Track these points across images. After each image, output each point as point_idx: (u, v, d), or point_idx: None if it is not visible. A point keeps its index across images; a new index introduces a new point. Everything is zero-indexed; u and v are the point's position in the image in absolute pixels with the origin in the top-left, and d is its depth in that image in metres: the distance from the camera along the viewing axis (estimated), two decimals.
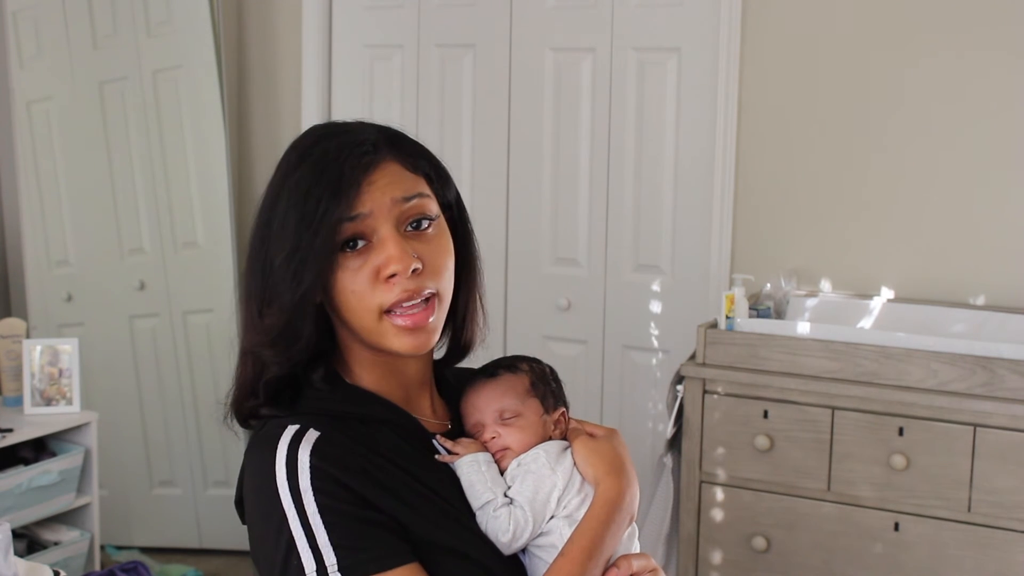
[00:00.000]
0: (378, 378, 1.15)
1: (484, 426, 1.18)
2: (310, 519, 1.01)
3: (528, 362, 1.24)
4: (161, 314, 3.44)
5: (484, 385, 1.20)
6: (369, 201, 1.06)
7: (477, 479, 1.12)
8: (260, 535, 1.06)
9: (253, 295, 1.10)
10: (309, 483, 1.02)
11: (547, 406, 1.20)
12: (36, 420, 2.89)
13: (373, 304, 1.07)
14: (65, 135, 3.39)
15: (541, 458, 1.15)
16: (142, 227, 3.41)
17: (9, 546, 2.07)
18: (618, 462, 1.16)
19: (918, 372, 2.33)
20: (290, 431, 1.06)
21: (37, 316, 3.38)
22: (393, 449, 1.10)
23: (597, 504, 1.12)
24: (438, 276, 1.10)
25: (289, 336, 1.08)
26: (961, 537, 2.32)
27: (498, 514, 1.10)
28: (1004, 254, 2.65)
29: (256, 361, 1.11)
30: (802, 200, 2.85)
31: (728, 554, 2.54)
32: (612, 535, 1.12)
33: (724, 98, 2.87)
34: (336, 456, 1.04)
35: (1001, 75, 2.62)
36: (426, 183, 1.13)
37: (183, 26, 3.31)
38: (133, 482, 3.50)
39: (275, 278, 1.07)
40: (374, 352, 1.12)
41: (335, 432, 1.07)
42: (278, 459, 1.04)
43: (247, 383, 1.12)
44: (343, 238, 1.06)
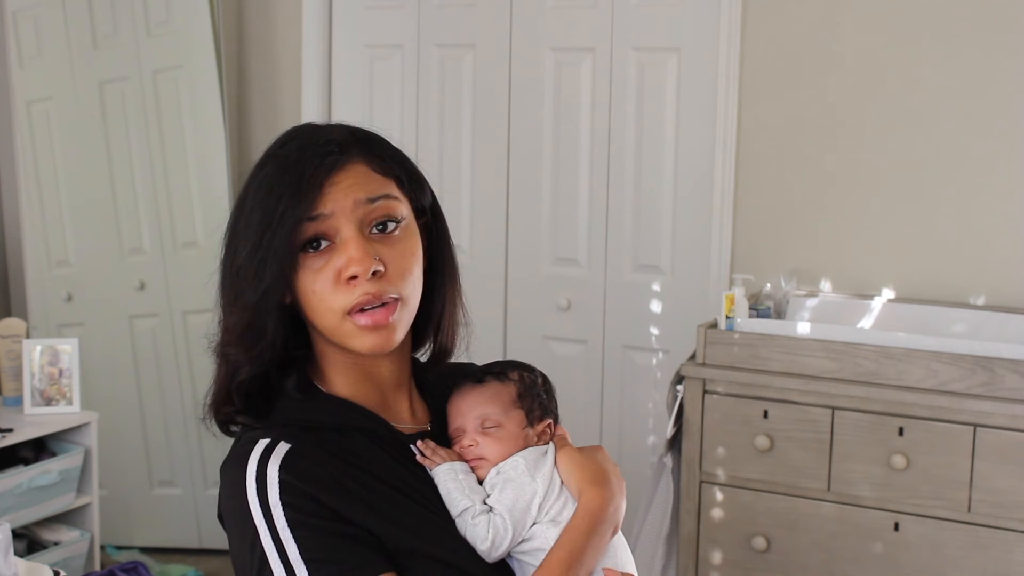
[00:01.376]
0: (353, 383, 1.14)
1: (464, 432, 1.17)
2: (280, 534, 1.01)
3: (520, 371, 1.22)
4: (161, 314, 3.44)
5: (470, 391, 1.19)
6: (331, 202, 1.06)
7: (454, 487, 1.11)
8: (236, 550, 1.06)
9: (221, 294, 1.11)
10: (278, 498, 1.02)
11: (532, 418, 1.19)
12: (36, 420, 2.89)
13: (335, 305, 1.06)
14: (65, 135, 3.39)
15: (520, 465, 1.14)
16: (142, 227, 3.41)
17: (9, 546, 2.08)
18: (601, 473, 1.15)
19: (918, 372, 2.33)
20: (260, 446, 1.06)
21: (37, 316, 3.38)
22: (369, 457, 1.09)
23: (579, 515, 1.11)
24: (401, 280, 1.08)
25: (252, 334, 1.07)
26: (961, 537, 2.32)
27: (476, 522, 1.09)
28: (1004, 254, 2.65)
29: (228, 363, 1.11)
30: (802, 200, 2.85)
31: (728, 554, 2.54)
32: (593, 547, 1.11)
33: (724, 98, 2.87)
34: (305, 469, 1.04)
35: (1001, 75, 2.62)
36: (396, 185, 1.11)
37: (183, 26, 3.31)
38: (133, 482, 3.50)
39: (240, 276, 1.08)
40: (346, 355, 1.12)
41: (307, 444, 1.06)
42: (248, 475, 1.05)
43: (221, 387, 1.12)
44: (305, 238, 1.06)
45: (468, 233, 3.30)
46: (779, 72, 2.84)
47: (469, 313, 1.23)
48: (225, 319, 1.10)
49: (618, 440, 3.15)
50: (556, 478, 1.14)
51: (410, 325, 1.12)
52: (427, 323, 1.19)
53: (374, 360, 1.14)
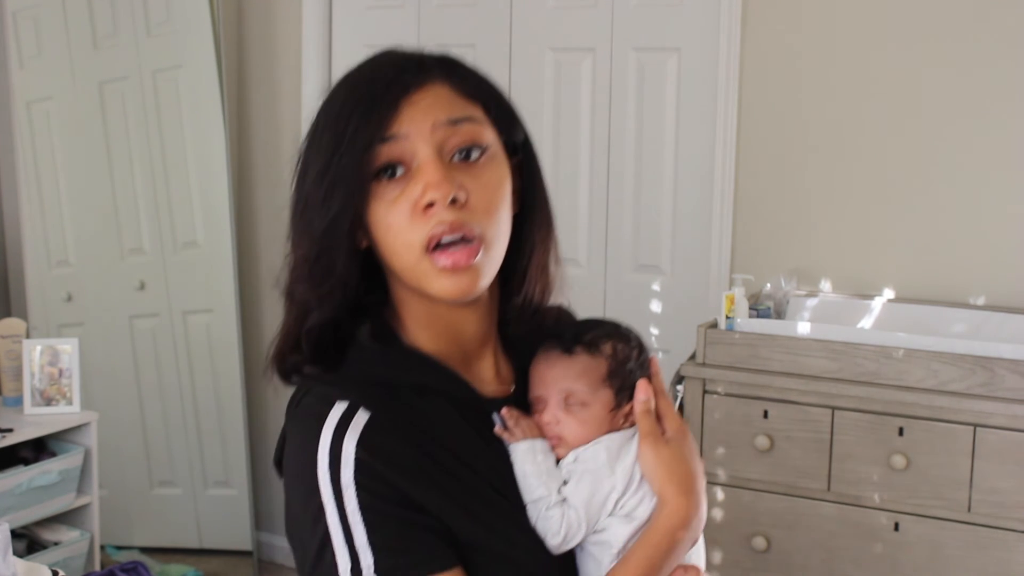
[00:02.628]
0: (434, 336, 1.04)
1: (546, 405, 1.06)
2: (349, 517, 0.93)
3: (615, 342, 1.09)
4: (161, 314, 3.44)
5: (557, 360, 1.07)
6: (408, 122, 0.95)
7: (532, 470, 1.02)
8: (296, 515, 0.98)
9: (289, 228, 1.01)
10: (352, 478, 0.93)
11: (620, 399, 1.07)
12: (36, 420, 2.89)
13: (411, 240, 0.95)
14: (65, 135, 3.39)
15: (601, 456, 1.04)
16: (142, 227, 3.41)
17: (8, 546, 2.08)
18: (688, 478, 1.04)
19: (918, 372, 2.33)
20: (337, 411, 0.96)
21: (37, 316, 3.38)
22: (448, 428, 1.00)
23: (660, 529, 1.01)
24: (484, 214, 0.96)
25: (321, 269, 0.97)
26: (961, 537, 2.32)
27: (550, 514, 1.00)
28: (1004, 254, 2.65)
29: (297, 306, 1.01)
30: (802, 200, 2.85)
31: (728, 554, 2.54)
32: (670, 565, 1.02)
33: (724, 98, 2.87)
34: (384, 448, 0.94)
35: (1002, 75, 2.62)
36: (482, 112, 1.00)
37: (183, 26, 3.31)
38: (133, 482, 3.50)
39: (307, 205, 0.98)
40: (428, 304, 1.01)
41: (387, 414, 0.96)
42: (321, 446, 0.94)
43: (290, 332, 1.02)
44: (378, 163, 0.95)
45: None
46: (779, 72, 2.84)
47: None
48: (293, 254, 1.00)
49: None
50: (637, 471, 1.04)
51: (495, 272, 1.00)
52: (516, 272, 1.07)
53: (458, 311, 1.03)
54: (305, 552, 0.96)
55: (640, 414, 1.06)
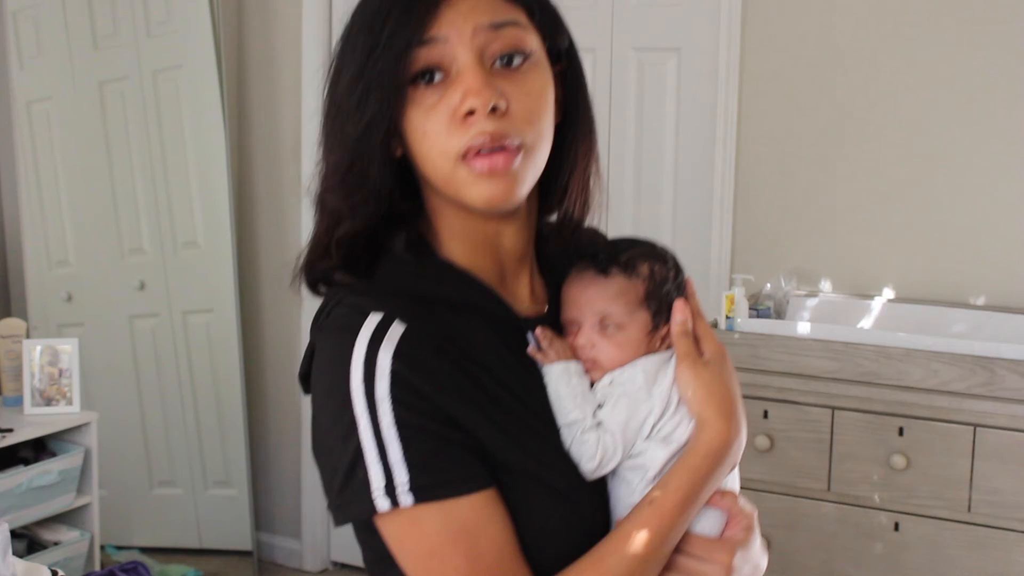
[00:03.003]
0: (471, 250, 1.00)
1: (580, 327, 1.02)
2: (384, 432, 0.88)
3: (652, 262, 1.05)
4: (161, 314, 3.44)
5: (592, 282, 1.03)
6: (447, 25, 0.90)
7: (566, 392, 0.98)
8: (325, 433, 0.93)
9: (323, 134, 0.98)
10: (388, 392, 0.89)
11: (658, 321, 1.03)
12: (36, 420, 2.89)
13: (449, 147, 0.91)
14: (65, 135, 3.39)
15: (639, 379, 1.00)
16: (142, 227, 3.41)
17: (8, 546, 2.08)
18: (728, 401, 1.00)
19: (918, 372, 2.33)
20: (371, 323, 0.91)
21: (37, 316, 3.38)
22: (484, 346, 0.96)
23: (699, 452, 0.97)
24: (526, 123, 0.92)
25: (354, 177, 0.94)
26: (961, 537, 2.32)
27: (585, 438, 0.96)
28: (1004, 254, 2.65)
29: (327, 215, 0.97)
30: (802, 200, 2.85)
31: None
32: (709, 489, 0.98)
33: (724, 98, 2.87)
34: (421, 360, 0.90)
35: (1002, 75, 2.62)
36: (525, 15, 0.95)
37: (183, 26, 3.31)
38: (133, 482, 3.50)
39: (340, 110, 0.94)
40: (464, 216, 0.97)
41: (423, 326, 0.92)
42: (355, 358, 0.90)
43: (319, 241, 0.98)
44: (415, 68, 0.91)
45: None
46: (779, 72, 2.84)
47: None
48: (324, 161, 0.97)
49: None
50: (675, 394, 1.00)
51: (534, 182, 0.96)
52: (553, 187, 1.03)
53: (496, 224, 0.99)
54: (335, 470, 0.92)
55: (678, 335, 1.02)
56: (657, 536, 0.94)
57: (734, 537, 1.01)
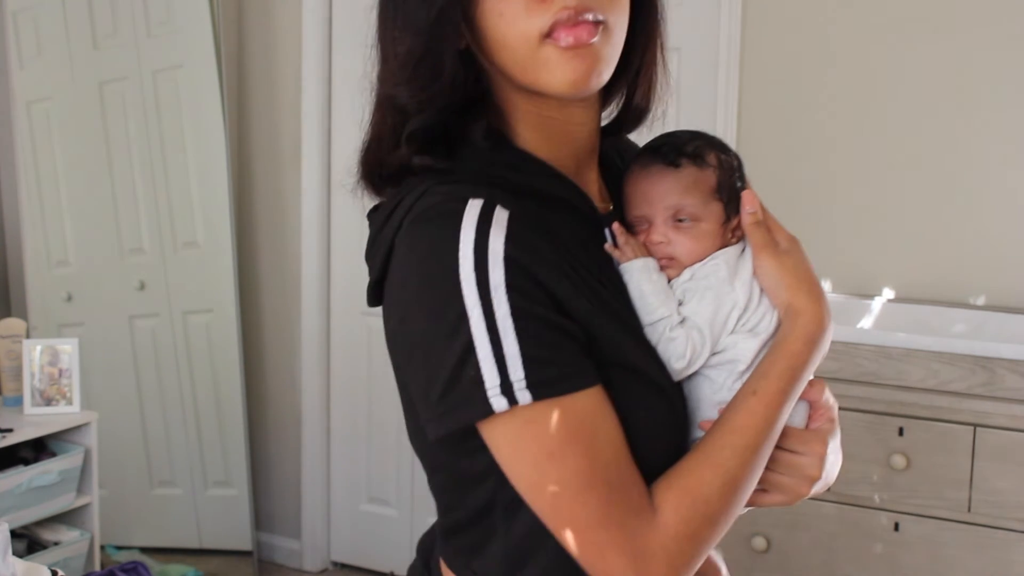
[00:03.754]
0: (547, 140, 0.94)
1: (652, 224, 0.98)
2: (500, 323, 0.82)
3: (717, 152, 1.02)
4: (161, 314, 3.44)
5: (662, 174, 0.99)
6: None
7: (650, 289, 0.94)
8: (422, 334, 0.85)
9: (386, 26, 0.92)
10: (502, 278, 0.82)
11: (730, 212, 1.00)
12: (36, 420, 2.89)
13: (528, 28, 0.85)
14: (65, 135, 3.39)
15: (722, 270, 0.97)
16: (142, 227, 3.41)
17: (7, 546, 2.08)
18: (814, 283, 0.98)
19: (918, 372, 2.33)
20: (475, 206, 0.85)
21: (37, 316, 3.38)
22: (574, 238, 0.92)
23: (798, 338, 0.94)
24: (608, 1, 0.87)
25: (428, 69, 0.88)
26: (961, 537, 2.32)
27: (674, 335, 0.93)
28: (1004, 254, 2.65)
29: (394, 110, 0.91)
30: (802, 200, 2.84)
31: (728, 554, 2.54)
32: (808, 375, 0.95)
33: (724, 98, 2.87)
34: (534, 246, 0.85)
35: (1002, 75, 2.62)
36: None
37: (183, 26, 3.31)
38: (133, 482, 3.50)
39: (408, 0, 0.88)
40: (539, 104, 0.92)
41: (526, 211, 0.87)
42: (462, 242, 0.83)
43: (385, 137, 0.92)
44: None
45: None
46: (779, 71, 2.84)
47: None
48: (390, 53, 0.90)
49: None
50: (756, 285, 0.98)
51: (614, 65, 0.91)
52: (621, 78, 0.99)
53: (571, 111, 0.94)
54: (434, 374, 0.85)
55: (751, 225, 1.00)
56: (765, 426, 0.91)
57: (823, 427, 0.99)
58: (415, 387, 0.88)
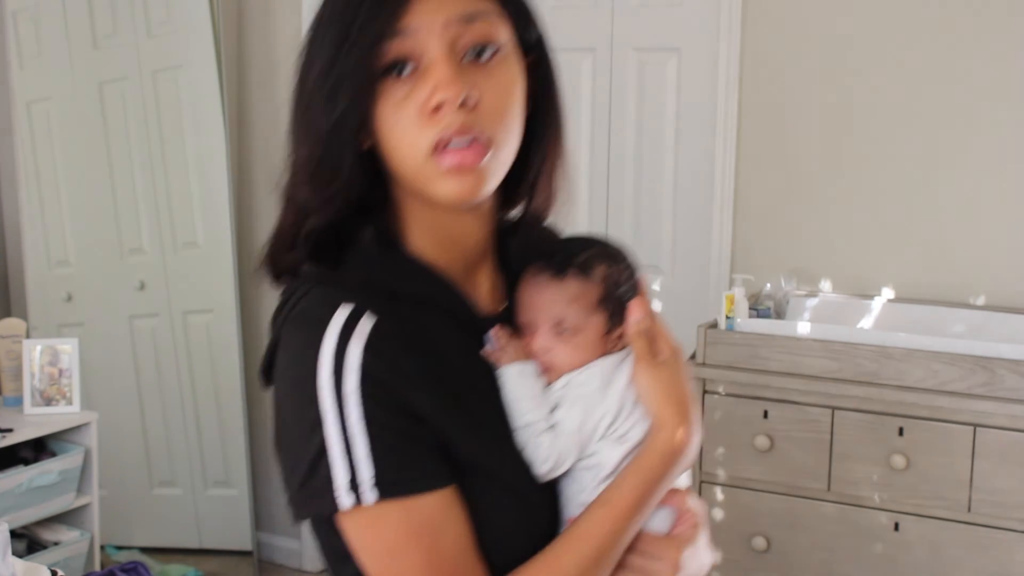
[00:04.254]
0: (436, 244, 0.99)
1: (536, 331, 1.01)
2: (351, 427, 0.88)
3: (608, 264, 1.04)
4: (161, 314, 3.44)
5: (549, 284, 1.02)
6: (418, 16, 0.89)
7: (522, 393, 0.98)
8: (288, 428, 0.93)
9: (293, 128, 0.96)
10: (357, 386, 0.88)
11: (613, 322, 1.02)
12: (36, 420, 2.89)
13: (418, 141, 0.90)
14: (65, 135, 3.39)
15: (594, 381, 1.00)
16: (142, 227, 3.41)
17: (7, 546, 2.08)
18: (683, 400, 0.99)
19: (918, 372, 2.33)
20: (341, 316, 0.91)
21: (37, 316, 3.38)
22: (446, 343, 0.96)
23: (655, 454, 0.97)
24: (495, 117, 0.91)
25: (325, 171, 0.92)
26: (961, 537, 2.32)
27: (540, 441, 0.96)
28: (1004, 254, 2.65)
29: (295, 207, 0.96)
30: (802, 200, 2.85)
31: (728, 554, 2.54)
32: (663, 489, 0.98)
33: (724, 98, 2.87)
34: (391, 357, 0.90)
35: (1002, 75, 2.62)
36: (497, 6, 0.95)
37: (183, 26, 3.31)
38: (133, 482, 3.50)
39: (311, 103, 0.93)
40: (431, 210, 0.96)
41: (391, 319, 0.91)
42: (323, 351, 0.89)
43: (286, 232, 0.98)
44: (386, 60, 0.90)
45: None
46: (779, 72, 2.84)
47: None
48: (294, 154, 0.95)
49: None
50: (630, 393, 1.00)
51: (502, 176, 0.95)
52: (519, 182, 1.02)
53: (462, 218, 0.98)
54: (296, 466, 0.91)
55: (634, 336, 1.02)
56: (611, 537, 0.95)
57: (683, 534, 1.01)
58: (282, 471, 0.94)
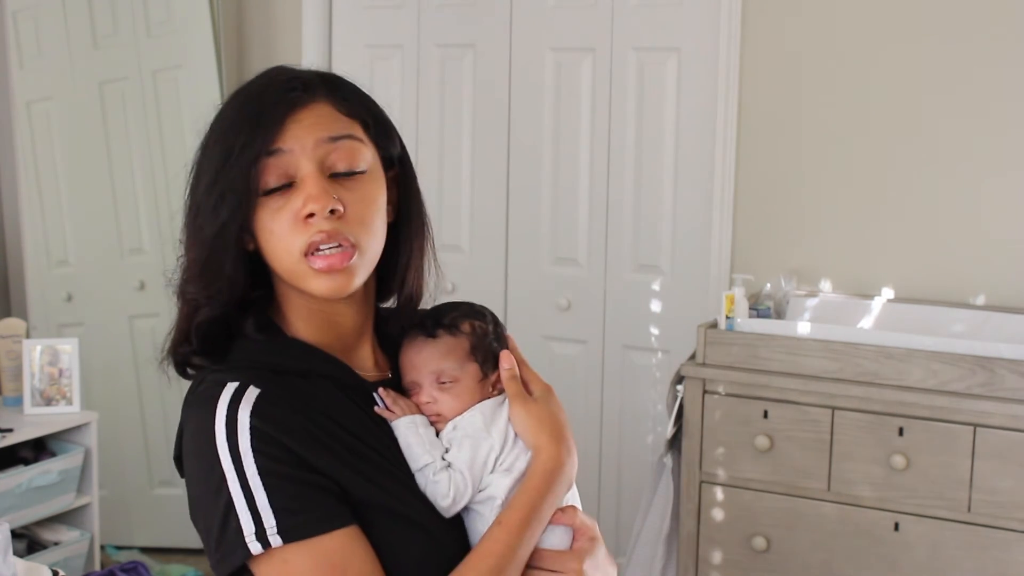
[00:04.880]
0: (314, 327, 1.12)
1: (420, 387, 1.15)
2: (249, 481, 1.00)
3: (470, 320, 1.19)
4: (161, 314, 3.44)
5: (423, 345, 1.17)
6: (292, 138, 1.05)
7: (415, 441, 1.10)
8: (198, 496, 1.05)
9: (184, 231, 1.11)
10: (249, 444, 1.01)
11: (487, 369, 1.17)
12: (36, 420, 2.89)
13: (292, 246, 1.04)
14: (65, 135, 3.39)
15: (477, 421, 1.13)
16: (142, 227, 3.41)
17: (8, 546, 2.08)
18: (557, 427, 1.13)
19: (918, 372, 2.33)
20: (229, 389, 1.04)
21: (37, 316, 3.38)
22: (334, 404, 1.08)
23: (537, 474, 1.10)
24: (360, 226, 1.06)
25: (210, 272, 1.07)
26: (961, 537, 2.32)
27: (437, 479, 1.08)
28: (1004, 254, 2.65)
29: (187, 304, 1.11)
30: (802, 200, 2.85)
31: (728, 554, 2.54)
32: (550, 505, 1.10)
33: (724, 98, 2.87)
34: (276, 416, 1.02)
35: (1001, 75, 2.62)
36: (361, 129, 1.10)
37: (183, 26, 3.31)
38: (133, 482, 3.50)
39: (199, 212, 1.07)
40: (308, 299, 1.10)
41: (276, 389, 1.05)
42: (217, 419, 1.02)
43: (181, 327, 1.12)
44: (264, 175, 1.04)
45: (468, 233, 3.29)
46: (779, 72, 2.84)
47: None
48: (185, 256, 1.11)
49: (618, 440, 3.15)
50: (511, 430, 1.13)
51: (370, 273, 1.10)
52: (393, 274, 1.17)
53: (335, 306, 1.12)
54: (210, 527, 1.02)
55: (507, 380, 1.16)
56: (508, 551, 1.06)
57: (581, 548, 1.13)
58: (202, 539, 1.06)
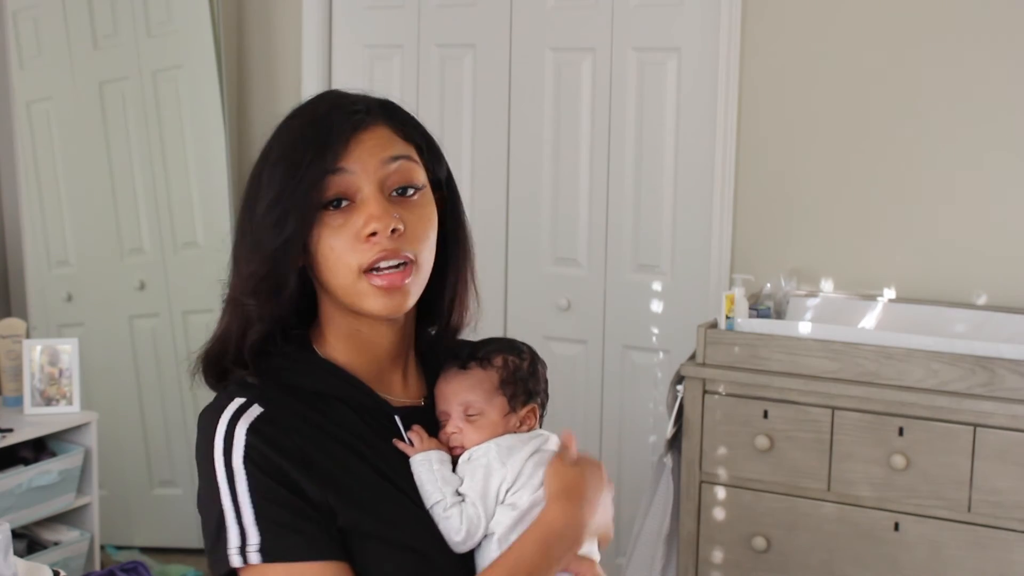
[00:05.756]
0: (351, 349, 1.15)
1: (449, 417, 1.18)
2: (239, 497, 1.03)
3: (506, 354, 1.21)
4: (161, 314, 3.44)
5: (454, 376, 1.19)
6: (355, 159, 1.08)
7: (427, 478, 1.11)
8: (203, 497, 1.08)
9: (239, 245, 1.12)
10: (242, 461, 1.04)
11: (515, 404, 1.18)
12: (36, 420, 2.89)
13: (352, 262, 1.07)
14: (65, 135, 3.39)
15: (492, 452, 1.14)
16: (142, 227, 3.41)
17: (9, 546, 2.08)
18: (576, 489, 1.13)
19: (918, 372, 2.33)
20: (235, 404, 1.07)
21: (37, 316, 3.38)
22: (347, 428, 1.10)
23: (534, 527, 1.10)
24: (417, 242, 1.10)
25: (270, 285, 1.09)
26: (961, 537, 2.32)
27: (449, 514, 1.09)
28: (1005, 254, 2.65)
29: (240, 315, 1.11)
30: (802, 200, 2.85)
31: (728, 554, 2.54)
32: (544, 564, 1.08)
33: (724, 98, 2.87)
34: (272, 436, 1.05)
35: (1001, 75, 2.62)
36: (416, 152, 1.13)
37: (183, 26, 3.31)
38: (133, 482, 3.50)
39: (259, 226, 1.08)
40: (351, 320, 1.13)
41: (281, 409, 1.08)
42: (218, 432, 1.06)
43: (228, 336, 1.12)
44: (328, 195, 1.07)
45: None
46: (779, 72, 2.84)
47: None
48: (242, 269, 1.11)
49: (618, 440, 3.15)
50: (528, 467, 1.14)
51: (420, 293, 1.13)
52: (438, 300, 1.20)
53: (377, 327, 1.14)
54: (207, 531, 1.06)
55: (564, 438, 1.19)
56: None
57: None
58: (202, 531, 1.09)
